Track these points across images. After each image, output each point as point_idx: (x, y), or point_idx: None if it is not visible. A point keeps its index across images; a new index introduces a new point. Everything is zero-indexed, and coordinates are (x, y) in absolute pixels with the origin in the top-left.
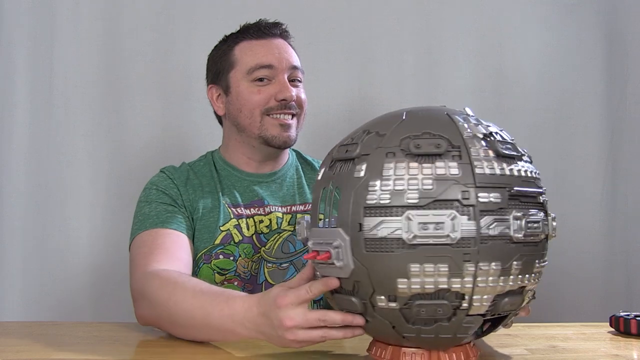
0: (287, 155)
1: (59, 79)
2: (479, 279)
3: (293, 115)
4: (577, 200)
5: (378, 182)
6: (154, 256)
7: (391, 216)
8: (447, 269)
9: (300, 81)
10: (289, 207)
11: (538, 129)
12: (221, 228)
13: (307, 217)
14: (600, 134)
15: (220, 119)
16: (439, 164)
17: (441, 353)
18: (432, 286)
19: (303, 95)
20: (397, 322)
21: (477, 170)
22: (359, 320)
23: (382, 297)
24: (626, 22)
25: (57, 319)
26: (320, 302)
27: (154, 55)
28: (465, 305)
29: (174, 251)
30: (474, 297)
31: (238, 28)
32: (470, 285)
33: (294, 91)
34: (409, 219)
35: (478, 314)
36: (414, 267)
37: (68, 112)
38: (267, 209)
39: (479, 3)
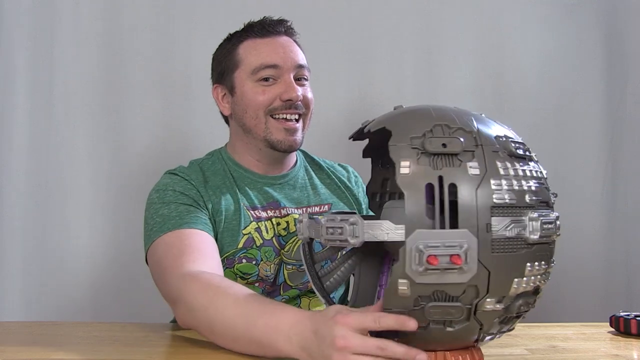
0: (295, 156)
1: (59, 79)
2: (548, 274)
3: (299, 116)
4: (577, 200)
5: (502, 181)
6: (187, 256)
7: (516, 216)
8: (545, 267)
9: (306, 80)
10: (304, 209)
11: (538, 129)
12: (243, 232)
13: (354, 216)
14: (600, 134)
15: (226, 119)
16: (532, 165)
17: (474, 351)
18: (532, 284)
19: (309, 95)
20: (489, 324)
21: (544, 174)
22: (423, 356)
23: (492, 300)
24: (626, 22)
25: (57, 319)
26: None
27: (154, 55)
28: (536, 300)
29: (205, 250)
30: (540, 292)
31: (242, 27)
32: (544, 281)
33: (299, 91)
34: (534, 219)
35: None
36: (529, 266)
37: (68, 112)
38: (283, 211)
39: (479, 3)
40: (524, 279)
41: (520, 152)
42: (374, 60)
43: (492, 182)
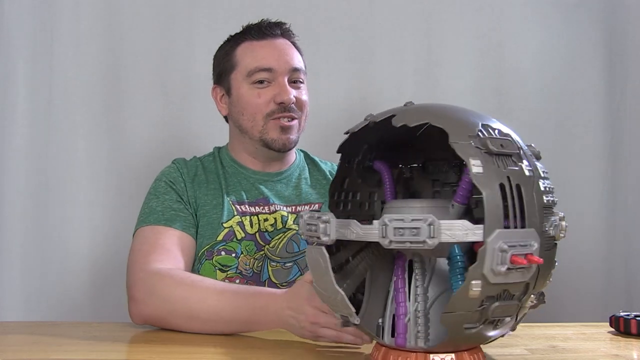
0: (295, 156)
1: (59, 79)
2: None
3: (293, 118)
4: (577, 200)
5: (545, 182)
6: (155, 255)
7: (552, 215)
8: (556, 264)
9: (302, 82)
10: (293, 207)
11: (538, 129)
12: (224, 224)
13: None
14: (600, 134)
15: (226, 118)
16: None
17: (479, 351)
18: (550, 280)
19: (304, 97)
20: (520, 319)
21: None
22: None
23: (534, 296)
24: (626, 21)
25: (57, 319)
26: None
27: (154, 55)
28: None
29: (175, 253)
30: None
31: (240, 28)
32: None
33: (293, 93)
34: (562, 218)
35: None
36: (556, 263)
37: (68, 112)
38: (271, 208)
39: (479, 3)
40: (552, 273)
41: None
42: (374, 60)
43: (541, 183)
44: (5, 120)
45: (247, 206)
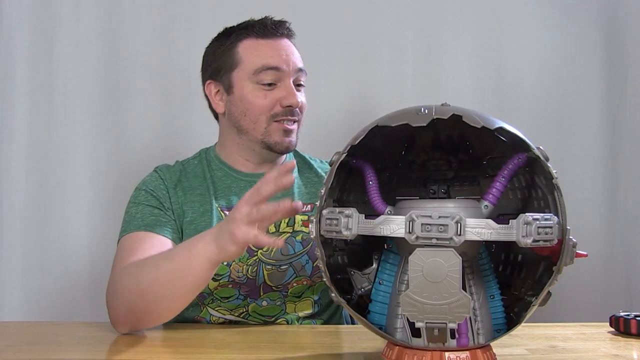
0: (284, 155)
1: (59, 79)
2: None
3: (295, 122)
4: (577, 200)
5: None
6: (132, 258)
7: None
8: None
9: (303, 85)
10: None
11: (538, 129)
12: None
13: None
14: (600, 134)
15: (216, 115)
16: None
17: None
18: None
19: (304, 100)
20: None
21: None
22: (287, 204)
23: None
24: (626, 22)
25: (57, 319)
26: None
27: (154, 55)
28: None
29: (153, 253)
30: None
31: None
32: None
33: (299, 97)
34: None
35: None
36: None
37: (68, 112)
38: None
39: (479, 3)
40: None
41: None
42: (374, 60)
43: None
44: (5, 120)
45: None
